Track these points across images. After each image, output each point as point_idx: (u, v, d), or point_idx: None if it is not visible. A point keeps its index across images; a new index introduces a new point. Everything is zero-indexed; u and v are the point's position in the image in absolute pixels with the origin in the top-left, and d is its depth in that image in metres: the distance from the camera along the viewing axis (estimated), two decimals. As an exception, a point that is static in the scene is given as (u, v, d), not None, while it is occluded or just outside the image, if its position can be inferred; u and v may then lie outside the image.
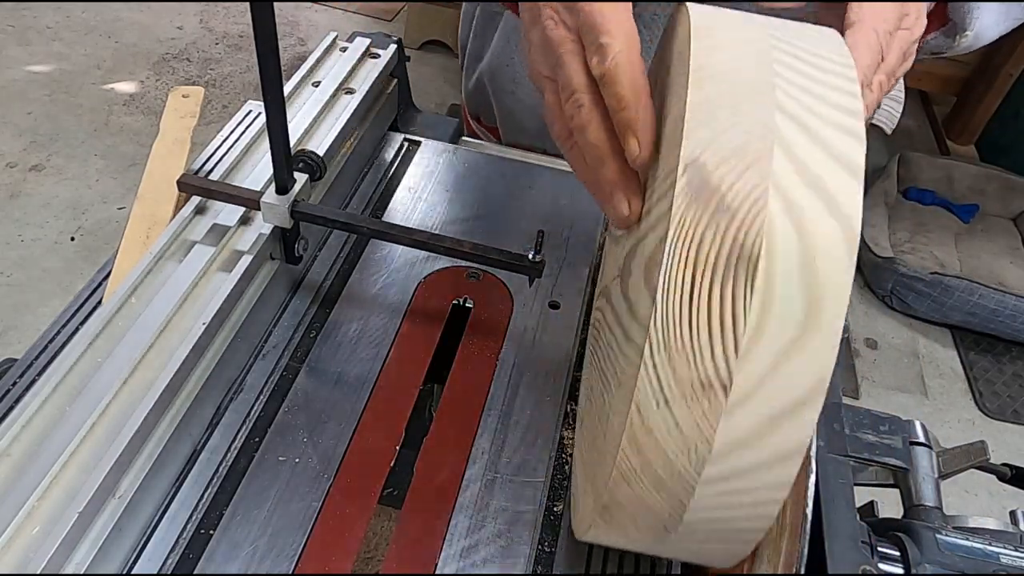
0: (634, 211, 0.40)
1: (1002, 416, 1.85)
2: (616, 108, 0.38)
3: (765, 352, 0.31)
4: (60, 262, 1.84)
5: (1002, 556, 0.43)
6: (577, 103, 0.39)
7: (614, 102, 0.37)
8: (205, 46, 2.60)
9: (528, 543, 0.49)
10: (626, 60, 0.37)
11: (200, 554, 0.46)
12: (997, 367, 1.97)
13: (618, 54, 0.37)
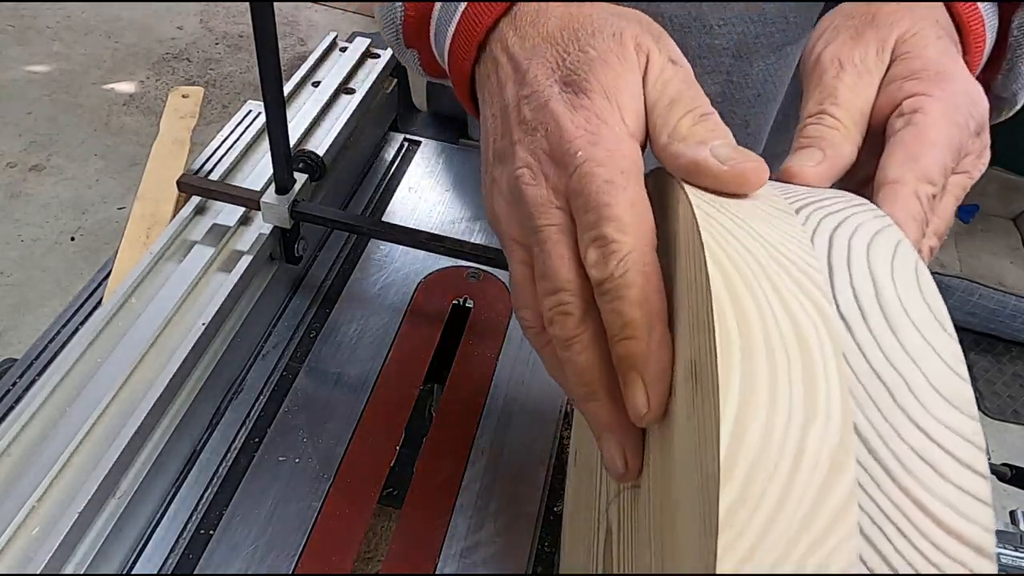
0: (631, 468, 0.28)
1: (1002, 416, 1.85)
2: (618, 334, 0.26)
3: None
4: (60, 262, 1.84)
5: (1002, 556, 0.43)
6: (562, 308, 0.28)
7: (616, 325, 0.27)
8: (205, 46, 2.60)
9: (528, 543, 0.49)
10: (639, 267, 0.26)
11: (200, 554, 0.46)
12: (997, 367, 1.97)
13: (627, 256, 0.26)
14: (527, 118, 0.31)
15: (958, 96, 0.31)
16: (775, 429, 0.19)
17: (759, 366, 0.20)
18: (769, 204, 0.26)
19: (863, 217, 0.26)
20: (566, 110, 0.29)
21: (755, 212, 0.25)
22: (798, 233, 0.25)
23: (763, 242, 0.24)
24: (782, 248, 0.24)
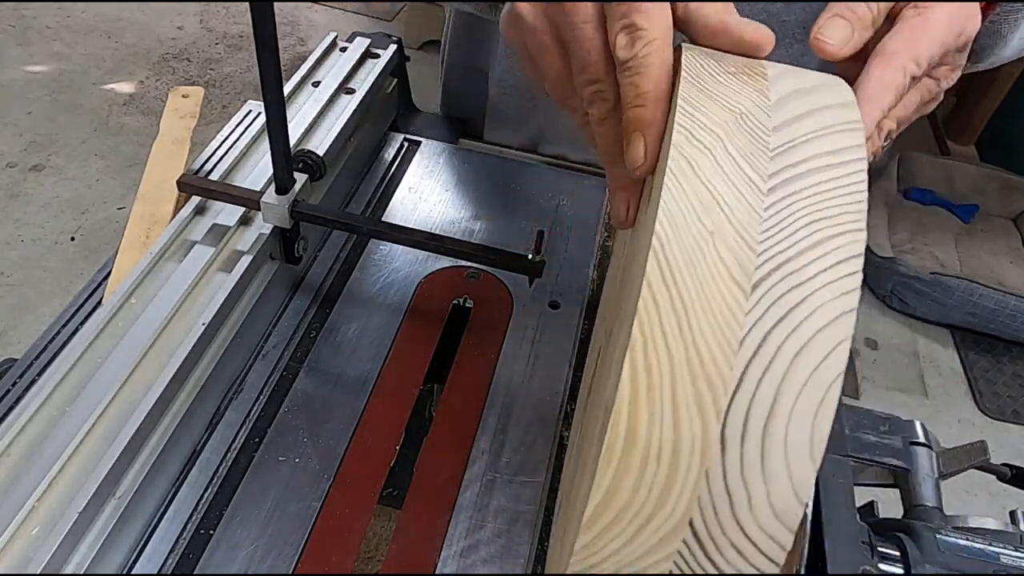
0: (630, 216, 0.37)
1: (1002, 416, 1.85)
2: (631, 102, 0.33)
3: None
4: (60, 262, 1.84)
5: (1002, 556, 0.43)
6: (600, 94, 0.34)
7: (631, 94, 0.33)
8: (205, 46, 2.60)
9: (528, 543, 0.49)
10: (658, 51, 0.32)
11: (200, 554, 0.46)
12: (997, 367, 1.97)
13: (652, 42, 0.32)
14: None
15: (963, 9, 0.37)
16: (634, 502, 0.27)
17: (633, 463, 0.27)
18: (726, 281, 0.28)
19: (826, 294, 0.27)
20: None
21: (707, 293, 0.28)
22: (731, 336, 0.27)
23: (689, 342, 0.27)
24: (705, 353, 0.27)
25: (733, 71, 0.33)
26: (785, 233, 0.28)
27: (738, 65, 0.33)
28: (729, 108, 0.31)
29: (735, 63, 0.33)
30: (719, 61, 0.33)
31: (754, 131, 0.30)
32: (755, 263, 0.28)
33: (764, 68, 0.33)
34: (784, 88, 0.32)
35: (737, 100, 0.31)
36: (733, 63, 0.33)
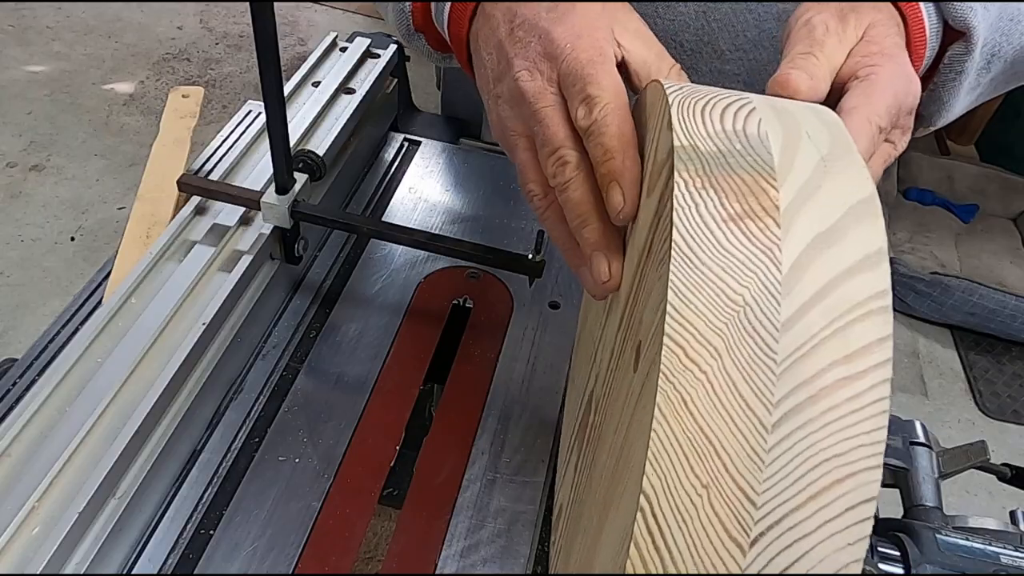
0: (614, 274, 0.37)
1: (1002, 416, 1.85)
2: (601, 159, 0.35)
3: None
4: (60, 262, 1.84)
5: (1002, 556, 0.43)
6: (561, 160, 0.37)
7: (599, 153, 0.35)
8: (205, 46, 2.60)
9: (528, 543, 0.49)
10: (614, 112, 0.35)
11: (200, 554, 0.46)
12: (997, 367, 1.97)
13: (607, 105, 0.35)
14: (520, 37, 0.40)
15: (903, 74, 0.40)
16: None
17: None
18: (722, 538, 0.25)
19: (830, 547, 0.25)
20: (553, 23, 0.38)
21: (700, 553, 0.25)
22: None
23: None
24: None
25: (736, 211, 0.28)
26: (790, 480, 0.25)
27: (742, 194, 0.28)
28: (729, 302, 0.26)
29: (738, 190, 0.28)
30: (718, 192, 0.28)
31: (759, 333, 0.26)
32: (755, 517, 0.25)
33: (774, 195, 0.28)
34: (801, 236, 0.27)
35: (741, 282, 0.27)
36: (735, 190, 0.28)
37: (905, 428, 0.52)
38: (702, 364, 0.26)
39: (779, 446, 0.25)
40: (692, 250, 0.27)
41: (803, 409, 0.25)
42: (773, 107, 0.32)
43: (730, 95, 0.33)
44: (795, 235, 0.27)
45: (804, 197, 0.28)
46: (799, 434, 0.25)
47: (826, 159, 0.29)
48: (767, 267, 0.27)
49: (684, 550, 0.25)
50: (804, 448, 0.25)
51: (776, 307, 0.26)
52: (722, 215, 0.28)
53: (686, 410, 0.26)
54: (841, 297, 0.26)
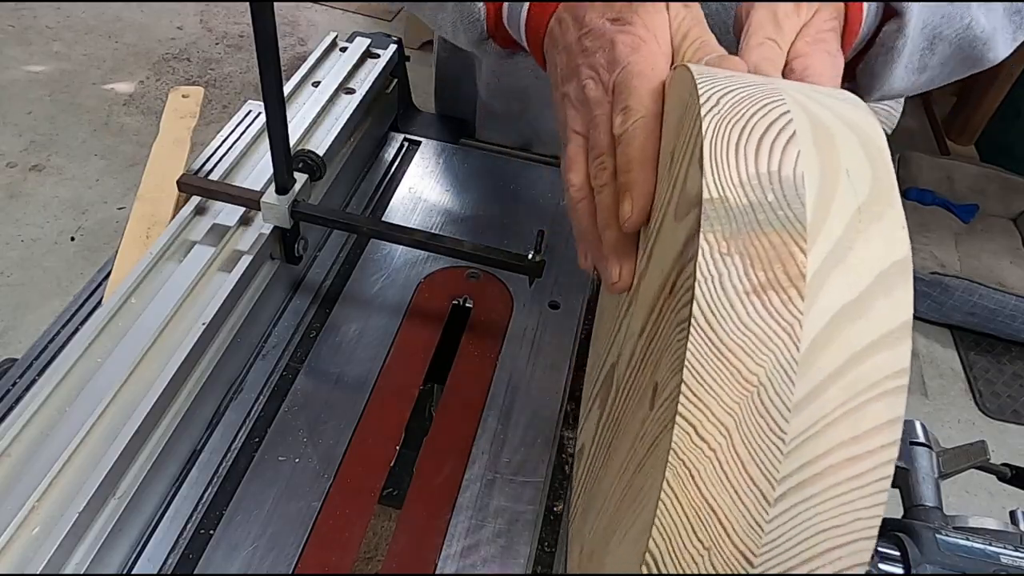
0: (624, 278, 0.40)
1: (1002, 416, 1.85)
2: (622, 169, 0.38)
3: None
4: (60, 262, 1.84)
5: (1002, 556, 0.43)
6: (602, 165, 0.40)
7: (622, 163, 0.38)
8: (205, 46, 2.60)
9: (528, 543, 0.49)
10: (643, 127, 0.38)
11: (200, 554, 0.46)
12: (997, 367, 1.97)
13: (638, 120, 0.38)
14: (587, 46, 0.43)
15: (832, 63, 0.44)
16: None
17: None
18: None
19: None
20: (617, 33, 0.42)
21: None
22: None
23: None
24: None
25: (761, 281, 0.27)
26: (787, 545, 0.26)
27: (768, 261, 0.27)
28: (745, 383, 0.27)
29: (765, 255, 0.27)
30: (743, 259, 0.28)
31: (770, 413, 0.26)
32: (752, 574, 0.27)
33: (802, 260, 0.27)
34: (825, 309, 0.27)
35: (758, 363, 0.26)
36: (762, 256, 0.27)
37: (905, 428, 0.52)
38: (712, 442, 0.27)
39: (780, 517, 0.26)
40: (711, 326, 0.27)
41: (806, 485, 0.26)
42: (811, 122, 0.30)
43: (766, 104, 0.31)
44: (819, 308, 0.27)
45: (834, 261, 0.27)
46: (800, 507, 0.26)
47: (863, 208, 0.28)
48: (786, 345, 0.26)
49: None
50: (804, 520, 0.26)
51: (790, 388, 0.26)
52: (745, 286, 0.27)
53: (693, 484, 0.27)
54: (858, 377, 0.26)
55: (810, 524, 0.26)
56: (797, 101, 0.31)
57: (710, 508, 0.27)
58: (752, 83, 0.33)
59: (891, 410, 0.26)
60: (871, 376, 0.26)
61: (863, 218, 0.28)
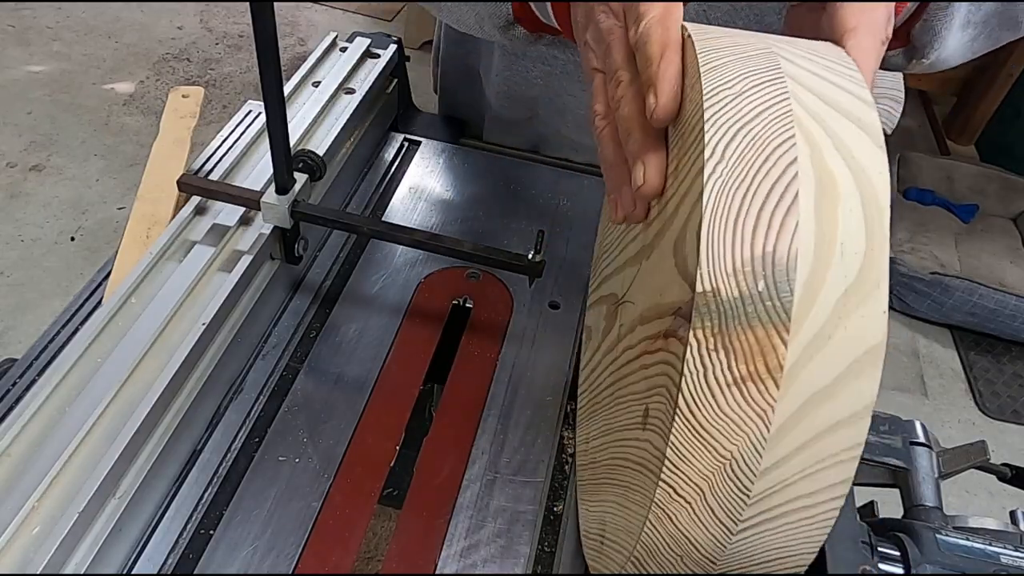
0: (649, 179, 0.38)
1: (1002, 416, 1.85)
2: (643, 68, 0.37)
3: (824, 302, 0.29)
4: (60, 262, 1.84)
5: (1002, 556, 0.43)
6: (617, 80, 0.40)
7: (642, 63, 0.37)
8: (205, 46, 2.60)
9: (528, 543, 0.49)
10: (658, 22, 0.37)
11: (200, 554, 0.46)
12: (997, 367, 1.97)
13: (651, 19, 0.37)
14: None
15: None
16: None
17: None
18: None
19: None
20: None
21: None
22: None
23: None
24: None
25: (742, 374, 0.30)
26: (743, 558, 0.33)
27: (751, 355, 0.29)
28: (719, 457, 0.31)
29: (749, 350, 0.29)
30: (728, 354, 0.30)
31: (739, 479, 0.31)
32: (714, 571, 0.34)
33: (782, 353, 0.29)
34: (797, 395, 0.29)
35: (731, 443, 0.30)
36: (746, 351, 0.30)
37: (905, 428, 0.52)
38: (687, 498, 0.32)
39: (741, 543, 0.33)
40: (694, 415, 0.30)
41: (763, 524, 0.32)
42: (815, 174, 0.30)
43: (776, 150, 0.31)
44: (791, 397, 0.29)
45: (812, 352, 0.29)
46: (755, 538, 0.32)
47: (850, 291, 0.29)
48: (758, 427, 0.30)
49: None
50: (759, 543, 0.32)
51: (758, 460, 0.30)
52: (727, 379, 0.30)
53: (671, 523, 0.33)
54: (819, 450, 0.30)
55: (762, 548, 0.33)
56: (809, 133, 0.31)
57: (685, 537, 0.33)
58: (765, 103, 0.32)
59: (843, 474, 0.30)
60: (830, 449, 0.30)
61: (848, 303, 0.29)
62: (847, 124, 0.32)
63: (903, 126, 2.25)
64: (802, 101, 0.32)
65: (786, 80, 0.33)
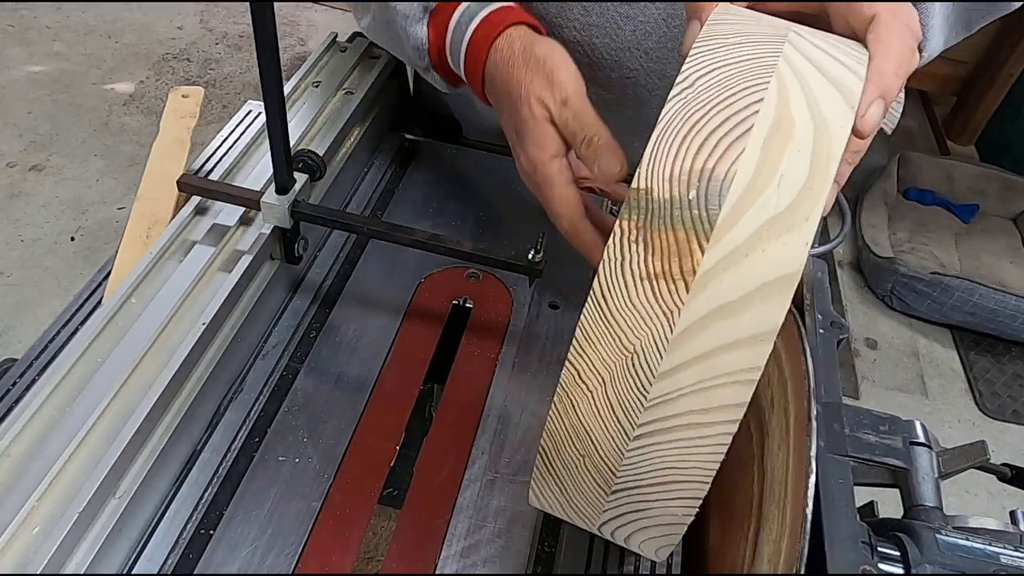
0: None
1: (1002, 416, 1.85)
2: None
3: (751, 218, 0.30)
4: (60, 262, 1.84)
5: (1002, 556, 0.43)
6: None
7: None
8: (205, 46, 2.60)
9: (528, 543, 0.49)
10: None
11: (200, 554, 0.46)
12: (997, 367, 1.97)
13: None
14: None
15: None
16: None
17: None
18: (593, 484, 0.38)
19: (657, 519, 0.37)
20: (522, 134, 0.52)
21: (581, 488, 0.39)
22: (593, 522, 0.41)
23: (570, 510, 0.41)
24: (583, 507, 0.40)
25: (656, 270, 0.31)
26: (641, 470, 0.34)
27: (668, 254, 0.31)
28: (623, 348, 0.32)
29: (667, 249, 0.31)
30: (647, 249, 0.31)
31: (639, 376, 0.32)
32: (613, 483, 0.35)
33: (698, 258, 0.30)
34: (704, 304, 0.30)
35: (636, 335, 0.32)
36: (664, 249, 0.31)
37: (905, 428, 0.52)
38: (590, 385, 0.34)
39: (636, 451, 0.33)
40: (605, 300, 0.32)
41: (658, 434, 0.33)
42: (777, 118, 0.32)
43: (744, 89, 0.32)
44: (699, 302, 0.30)
45: (726, 265, 0.30)
46: (651, 448, 0.33)
47: (776, 220, 0.30)
48: (662, 326, 0.31)
49: (571, 485, 0.37)
50: (653, 456, 0.33)
51: (658, 361, 0.31)
52: (642, 272, 0.31)
53: (573, 411, 0.35)
54: (715, 365, 0.31)
55: (659, 459, 0.33)
56: (784, 83, 0.32)
57: (585, 430, 0.34)
58: (752, 57, 0.33)
59: (738, 396, 0.31)
60: (728, 367, 0.30)
61: (772, 229, 0.30)
62: (825, 84, 0.33)
63: (903, 126, 2.25)
64: (790, 60, 0.33)
65: (785, 45, 0.34)
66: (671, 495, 0.34)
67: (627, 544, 0.40)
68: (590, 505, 0.38)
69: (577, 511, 0.39)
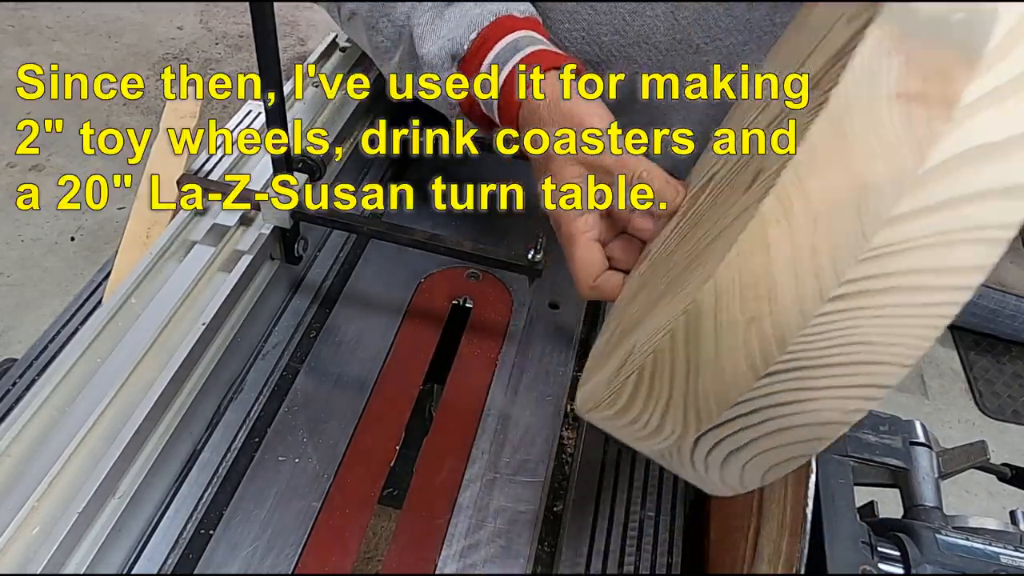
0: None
1: (1002, 416, 1.85)
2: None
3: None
4: (60, 262, 1.84)
5: (1002, 556, 0.43)
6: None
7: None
8: (205, 46, 2.60)
9: (528, 543, 0.49)
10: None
11: (200, 554, 0.46)
12: (997, 367, 1.97)
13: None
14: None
15: None
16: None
17: None
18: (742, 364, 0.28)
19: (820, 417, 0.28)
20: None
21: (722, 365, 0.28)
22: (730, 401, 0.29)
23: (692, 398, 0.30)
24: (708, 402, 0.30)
25: (912, 91, 0.25)
26: (823, 343, 0.26)
27: (929, 74, 0.25)
28: (855, 176, 0.25)
29: (928, 67, 0.25)
30: (905, 63, 0.25)
31: (863, 219, 0.25)
32: (776, 359, 0.27)
33: (963, 85, 0.25)
34: (964, 140, 0.25)
35: (876, 163, 0.25)
36: (925, 67, 0.25)
37: (905, 428, 0.52)
38: (798, 222, 0.26)
39: (828, 316, 0.26)
40: (843, 119, 0.26)
41: (865, 296, 0.25)
42: None
43: None
44: (957, 136, 0.25)
45: (996, 98, 0.25)
46: (850, 314, 0.25)
47: None
48: (911, 157, 0.25)
49: (710, 360, 0.28)
50: (846, 326, 0.26)
51: (894, 200, 0.25)
52: (895, 90, 0.25)
53: (764, 255, 0.26)
54: (964, 215, 0.25)
55: (853, 331, 0.26)
56: None
57: (768, 285, 0.26)
58: None
59: (981, 258, 0.26)
60: (980, 219, 0.25)
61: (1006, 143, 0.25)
62: None
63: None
64: None
65: None
66: (849, 382, 0.26)
67: (723, 468, 0.31)
68: (717, 395, 0.28)
69: (679, 410, 0.30)
